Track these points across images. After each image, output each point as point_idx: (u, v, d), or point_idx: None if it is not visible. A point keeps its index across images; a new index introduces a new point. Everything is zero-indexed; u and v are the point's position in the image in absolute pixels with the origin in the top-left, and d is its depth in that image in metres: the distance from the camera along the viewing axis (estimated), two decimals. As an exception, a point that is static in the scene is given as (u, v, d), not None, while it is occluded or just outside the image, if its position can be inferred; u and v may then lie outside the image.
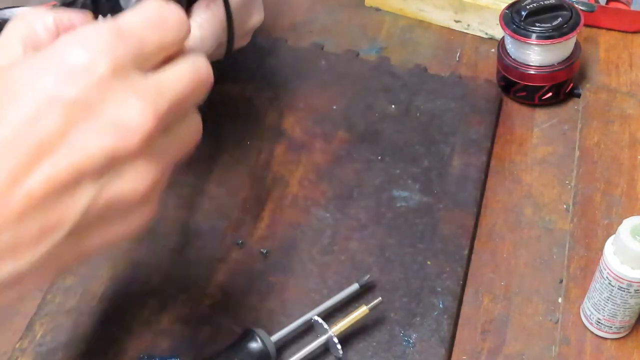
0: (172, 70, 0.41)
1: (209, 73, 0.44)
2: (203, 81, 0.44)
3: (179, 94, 0.41)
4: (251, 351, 0.56)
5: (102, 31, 0.39)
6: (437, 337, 0.59)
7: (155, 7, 0.42)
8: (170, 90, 0.40)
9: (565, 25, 0.71)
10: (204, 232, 0.66)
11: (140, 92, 0.39)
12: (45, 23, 0.45)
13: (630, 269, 0.54)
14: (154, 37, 0.41)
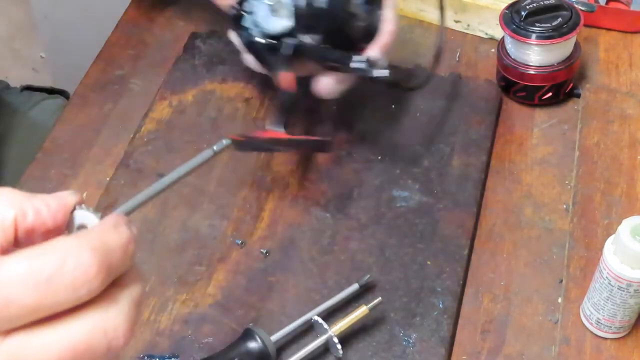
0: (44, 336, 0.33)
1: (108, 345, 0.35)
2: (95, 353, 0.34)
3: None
4: (251, 351, 0.56)
5: None
6: (437, 337, 0.59)
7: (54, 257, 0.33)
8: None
9: (565, 25, 0.71)
10: (204, 232, 0.66)
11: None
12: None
13: (630, 269, 0.54)
14: (26, 299, 0.32)
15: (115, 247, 0.38)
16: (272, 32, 0.63)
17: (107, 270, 0.36)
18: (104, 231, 0.38)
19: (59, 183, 0.69)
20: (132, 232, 0.40)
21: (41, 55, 1.77)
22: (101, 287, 0.36)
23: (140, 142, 0.72)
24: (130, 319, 0.37)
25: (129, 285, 0.39)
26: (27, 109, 0.92)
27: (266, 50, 0.64)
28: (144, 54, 0.80)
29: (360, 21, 0.63)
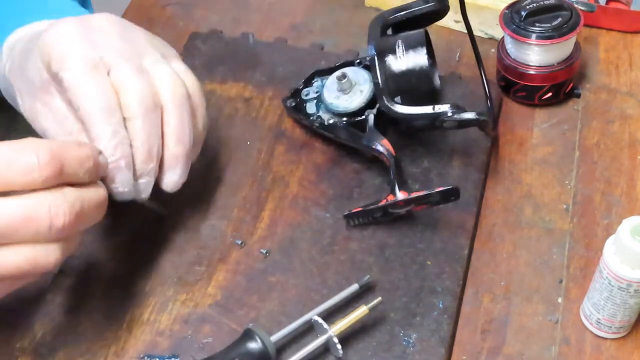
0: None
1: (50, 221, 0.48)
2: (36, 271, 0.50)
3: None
4: (251, 351, 0.56)
5: None
6: (437, 337, 0.59)
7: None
8: None
9: (565, 25, 0.71)
10: (204, 232, 0.66)
11: None
12: None
13: (630, 269, 0.54)
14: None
15: (72, 156, 0.50)
16: (349, 109, 0.67)
17: (58, 167, 0.48)
18: (67, 144, 0.51)
19: (59, 183, 0.69)
20: (94, 154, 0.52)
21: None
22: (51, 179, 0.48)
23: (140, 142, 0.72)
24: (74, 209, 0.49)
25: (82, 190, 0.50)
26: None
27: (348, 128, 0.68)
28: (144, 54, 0.80)
29: (429, 77, 0.66)
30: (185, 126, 0.58)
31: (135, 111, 0.55)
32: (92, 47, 0.56)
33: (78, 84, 0.54)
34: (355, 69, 0.69)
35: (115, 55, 0.56)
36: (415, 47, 0.66)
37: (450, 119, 0.63)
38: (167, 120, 0.57)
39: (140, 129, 0.55)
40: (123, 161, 0.55)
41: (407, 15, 0.68)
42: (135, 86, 0.55)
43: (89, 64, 0.55)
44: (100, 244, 0.65)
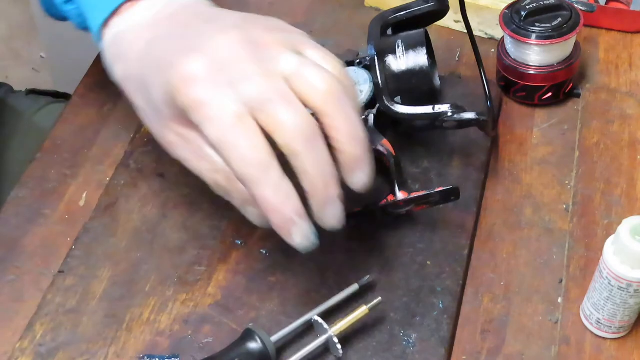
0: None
1: None
2: None
3: None
4: (251, 351, 0.56)
5: None
6: (437, 337, 0.59)
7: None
8: None
9: (565, 25, 0.71)
10: (204, 232, 0.66)
11: None
12: None
13: (630, 269, 0.54)
14: None
15: None
16: None
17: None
18: None
19: (59, 183, 0.69)
20: None
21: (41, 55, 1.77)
22: None
23: (140, 142, 0.72)
24: None
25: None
26: (32, 114, 0.91)
27: None
28: (144, 54, 0.80)
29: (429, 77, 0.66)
30: (354, 121, 0.51)
31: (296, 148, 0.49)
32: (228, 86, 0.50)
33: (226, 143, 0.49)
34: (355, 69, 0.69)
35: (254, 90, 0.49)
36: (415, 47, 0.66)
37: (450, 119, 0.63)
38: (332, 126, 0.50)
39: (307, 163, 0.50)
40: (294, 215, 0.50)
41: (407, 15, 0.68)
42: (288, 123, 0.49)
43: (232, 117, 0.49)
44: (100, 244, 0.65)
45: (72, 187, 0.69)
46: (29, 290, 0.62)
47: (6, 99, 0.93)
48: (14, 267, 0.64)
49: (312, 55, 0.53)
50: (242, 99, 0.49)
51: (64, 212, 0.67)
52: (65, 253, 0.64)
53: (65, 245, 0.65)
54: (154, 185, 0.69)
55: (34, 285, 0.63)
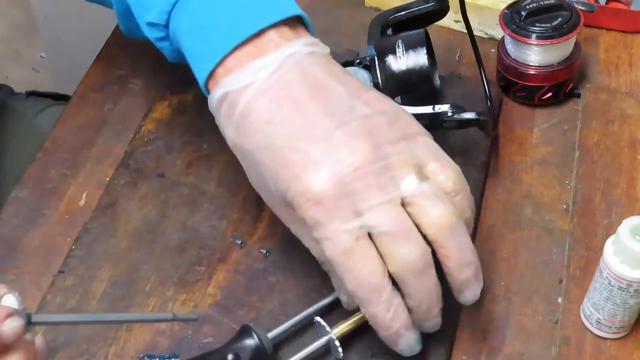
0: None
1: None
2: None
3: None
4: (247, 347, 0.56)
5: None
6: (437, 337, 0.59)
7: None
8: None
9: (565, 25, 0.71)
10: (204, 232, 0.66)
11: None
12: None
13: (630, 269, 0.54)
14: None
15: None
16: None
17: None
18: None
19: (58, 183, 0.69)
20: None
21: (41, 55, 1.77)
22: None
23: (140, 142, 0.72)
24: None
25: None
26: (33, 116, 0.91)
27: None
28: (144, 54, 0.80)
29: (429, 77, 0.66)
30: (466, 249, 0.53)
31: (407, 279, 0.51)
32: (351, 211, 0.50)
33: (342, 265, 0.51)
34: (355, 68, 0.68)
35: (376, 220, 0.50)
36: (415, 47, 0.66)
37: (450, 119, 0.63)
38: (444, 254, 0.52)
39: (414, 290, 0.52)
40: (402, 329, 0.52)
41: (407, 15, 0.68)
42: (403, 257, 0.50)
43: (351, 241, 0.50)
44: (100, 244, 0.65)
45: (72, 187, 0.69)
46: (29, 290, 0.62)
47: (6, 101, 0.93)
48: (14, 267, 0.64)
49: (433, 169, 0.53)
50: (363, 226, 0.50)
51: (64, 212, 0.67)
52: (65, 253, 0.64)
53: (65, 245, 0.65)
54: (154, 185, 0.69)
55: (34, 285, 0.63)
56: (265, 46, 0.54)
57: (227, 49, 0.54)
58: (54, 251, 0.65)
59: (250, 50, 0.54)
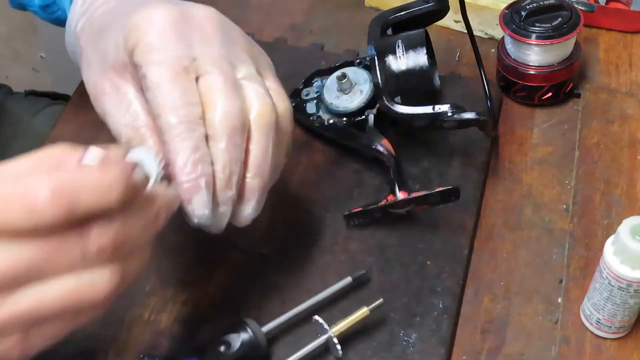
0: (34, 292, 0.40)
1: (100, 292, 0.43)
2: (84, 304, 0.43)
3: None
4: (240, 339, 0.56)
5: None
6: (437, 337, 0.59)
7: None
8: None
9: (565, 25, 0.71)
10: (204, 232, 0.66)
11: None
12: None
13: (630, 269, 0.54)
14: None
15: (88, 188, 0.40)
16: (349, 109, 0.67)
17: (65, 207, 0.39)
18: (83, 173, 0.41)
19: (59, 183, 0.69)
20: (124, 177, 0.42)
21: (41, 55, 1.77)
22: (58, 218, 0.39)
23: (140, 142, 0.72)
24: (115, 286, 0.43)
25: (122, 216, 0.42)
26: (32, 116, 0.91)
27: (348, 128, 0.68)
28: (144, 54, 0.80)
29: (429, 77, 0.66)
30: (268, 157, 0.52)
31: (221, 131, 0.50)
32: (185, 45, 0.51)
33: (162, 87, 0.49)
34: (355, 69, 0.69)
35: (209, 61, 0.51)
36: (415, 47, 0.66)
37: (450, 119, 0.63)
38: (250, 147, 0.51)
39: (224, 151, 0.50)
40: (203, 180, 0.49)
41: (407, 15, 0.68)
42: (225, 103, 0.50)
43: (178, 66, 0.50)
44: (100, 244, 0.65)
45: (72, 187, 0.69)
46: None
47: (5, 101, 0.93)
48: (14, 267, 0.64)
49: (270, 85, 0.54)
50: (194, 57, 0.50)
51: (64, 212, 0.67)
52: (65, 253, 0.64)
53: (65, 245, 0.65)
54: (154, 185, 0.69)
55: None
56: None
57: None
58: (54, 251, 0.65)
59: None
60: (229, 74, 0.51)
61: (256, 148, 0.52)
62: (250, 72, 0.53)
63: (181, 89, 0.49)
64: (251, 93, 0.52)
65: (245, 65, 0.53)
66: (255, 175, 0.52)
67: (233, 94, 0.50)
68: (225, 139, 0.50)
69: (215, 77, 0.50)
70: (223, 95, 0.50)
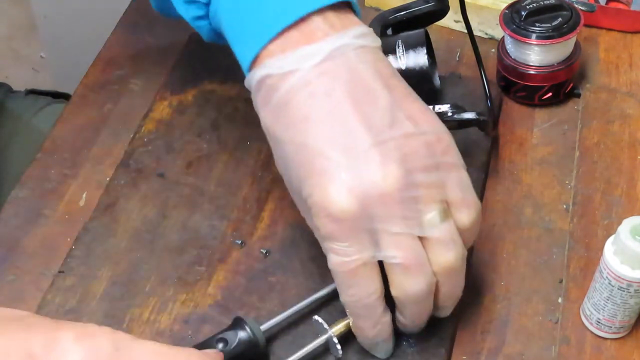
0: None
1: None
2: None
3: None
4: (237, 336, 0.56)
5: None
6: (437, 337, 0.59)
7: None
8: None
9: (565, 25, 0.71)
10: (204, 232, 0.66)
11: None
12: None
13: (630, 269, 0.54)
14: None
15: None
16: None
17: None
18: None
19: (58, 183, 0.69)
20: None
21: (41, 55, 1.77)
22: None
23: (140, 142, 0.72)
24: None
25: None
26: (32, 115, 0.91)
27: None
28: (144, 54, 0.80)
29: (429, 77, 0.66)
30: (458, 286, 0.55)
31: (407, 305, 0.53)
32: (367, 234, 0.50)
33: (344, 280, 0.52)
34: None
35: (391, 249, 0.50)
36: (415, 47, 0.66)
37: (450, 119, 0.63)
38: (442, 289, 0.54)
39: (410, 314, 0.54)
40: (382, 342, 0.55)
41: (407, 15, 0.68)
42: (409, 290, 0.52)
43: (358, 264, 0.51)
44: (100, 244, 0.65)
45: (72, 187, 0.69)
46: (29, 290, 0.62)
47: (5, 100, 0.93)
48: (14, 267, 0.64)
49: (457, 206, 0.52)
50: (376, 252, 0.51)
51: (64, 212, 0.67)
52: (65, 253, 0.64)
53: (65, 245, 0.65)
54: (154, 185, 0.69)
55: (34, 285, 0.63)
56: (312, 34, 0.51)
57: (273, 33, 0.51)
58: (54, 251, 0.65)
59: (296, 36, 0.51)
60: (413, 252, 0.51)
61: (445, 288, 0.54)
62: (432, 224, 0.51)
63: (358, 285, 0.52)
64: (435, 254, 0.51)
65: (428, 217, 0.51)
66: (444, 307, 0.56)
67: (417, 278, 0.51)
68: (409, 307, 0.53)
69: (399, 268, 0.51)
70: (408, 281, 0.51)
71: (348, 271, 0.51)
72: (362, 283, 0.51)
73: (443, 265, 0.52)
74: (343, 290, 0.52)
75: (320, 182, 0.50)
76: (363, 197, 0.49)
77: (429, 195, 0.50)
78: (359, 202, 0.49)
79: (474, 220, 0.53)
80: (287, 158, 0.53)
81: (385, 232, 0.50)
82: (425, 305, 0.54)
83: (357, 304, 0.52)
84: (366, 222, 0.50)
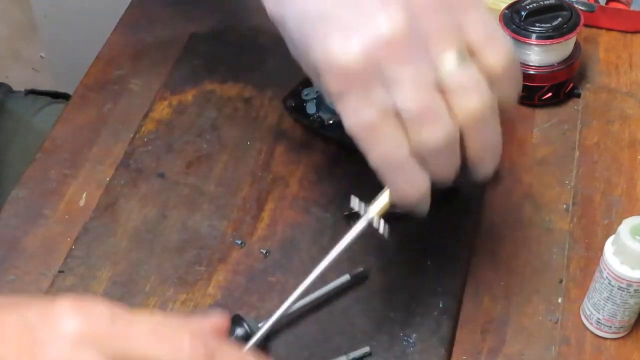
0: None
1: None
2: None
3: None
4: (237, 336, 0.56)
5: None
6: (437, 337, 0.59)
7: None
8: None
9: (565, 25, 0.71)
10: (204, 232, 0.66)
11: None
12: None
13: (630, 269, 0.54)
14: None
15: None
16: None
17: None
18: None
19: (58, 183, 0.69)
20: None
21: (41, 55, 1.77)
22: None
23: (140, 142, 0.72)
24: None
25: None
26: (32, 115, 0.91)
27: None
28: (144, 54, 0.80)
29: None
30: (493, 139, 0.51)
31: (425, 156, 0.48)
32: (379, 84, 0.47)
33: (363, 139, 0.48)
34: None
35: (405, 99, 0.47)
36: None
37: None
38: (467, 142, 0.49)
39: (432, 168, 0.49)
40: (420, 199, 0.50)
41: None
42: (429, 141, 0.47)
43: (376, 112, 0.47)
44: (100, 244, 0.65)
45: (72, 187, 0.69)
46: (29, 290, 0.62)
47: (5, 100, 0.93)
48: (14, 267, 0.64)
49: (481, 48, 0.48)
50: (390, 103, 0.47)
51: (64, 212, 0.67)
52: (65, 253, 0.64)
53: (65, 245, 0.65)
54: (154, 185, 0.69)
55: (34, 285, 0.63)
56: None
57: None
58: (54, 251, 0.65)
59: None
60: (429, 101, 0.47)
61: (477, 140, 0.49)
62: (449, 67, 0.47)
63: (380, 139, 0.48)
64: (455, 101, 0.47)
65: (443, 58, 0.47)
66: (481, 156, 0.51)
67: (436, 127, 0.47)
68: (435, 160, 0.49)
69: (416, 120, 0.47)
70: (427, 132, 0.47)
71: (366, 128, 0.47)
72: (384, 138, 0.47)
73: (465, 112, 0.47)
74: (369, 151, 0.48)
75: (322, 40, 0.47)
76: (366, 46, 0.46)
77: (441, 37, 0.46)
78: (362, 51, 0.46)
79: (503, 59, 0.48)
80: (293, 38, 0.50)
81: (395, 81, 0.46)
82: (448, 157, 0.49)
83: (387, 163, 0.48)
84: (375, 73, 0.46)
